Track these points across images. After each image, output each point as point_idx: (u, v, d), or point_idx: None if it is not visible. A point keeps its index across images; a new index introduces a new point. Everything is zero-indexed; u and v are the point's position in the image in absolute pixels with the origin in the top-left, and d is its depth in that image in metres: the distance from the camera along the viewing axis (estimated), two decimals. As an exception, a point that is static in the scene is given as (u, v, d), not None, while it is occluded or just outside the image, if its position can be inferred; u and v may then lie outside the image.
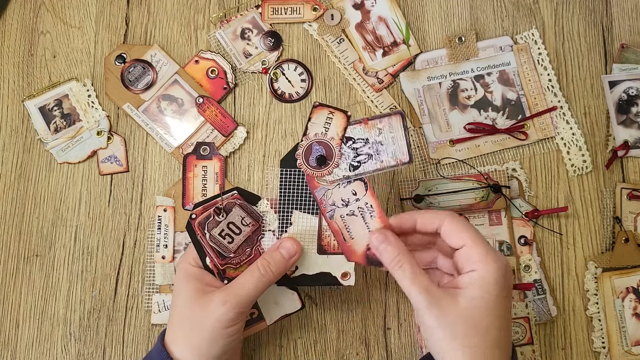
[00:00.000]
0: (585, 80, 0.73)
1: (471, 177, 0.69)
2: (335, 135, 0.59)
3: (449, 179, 0.70)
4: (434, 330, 0.53)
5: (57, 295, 0.71)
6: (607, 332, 0.68)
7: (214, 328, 0.56)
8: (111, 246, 0.71)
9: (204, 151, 0.72)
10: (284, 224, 0.61)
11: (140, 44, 0.75)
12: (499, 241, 0.69)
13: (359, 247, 0.60)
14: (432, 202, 0.69)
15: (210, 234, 0.59)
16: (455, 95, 0.73)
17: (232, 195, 0.61)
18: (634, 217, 0.70)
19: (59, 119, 0.74)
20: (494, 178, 0.69)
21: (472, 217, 0.70)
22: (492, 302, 0.53)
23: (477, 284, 0.53)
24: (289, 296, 0.63)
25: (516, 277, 0.68)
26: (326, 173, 0.59)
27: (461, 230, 0.56)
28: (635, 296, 0.68)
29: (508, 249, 0.69)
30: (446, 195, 0.69)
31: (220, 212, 0.60)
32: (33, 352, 0.70)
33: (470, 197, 0.69)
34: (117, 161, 0.73)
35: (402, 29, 0.74)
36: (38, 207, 0.72)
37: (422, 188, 0.70)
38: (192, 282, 0.59)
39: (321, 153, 0.59)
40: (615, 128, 0.72)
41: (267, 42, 0.74)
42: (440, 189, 0.69)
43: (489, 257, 0.54)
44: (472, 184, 0.69)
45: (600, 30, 0.74)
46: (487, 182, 0.69)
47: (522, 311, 0.68)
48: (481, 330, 0.52)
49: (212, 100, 0.73)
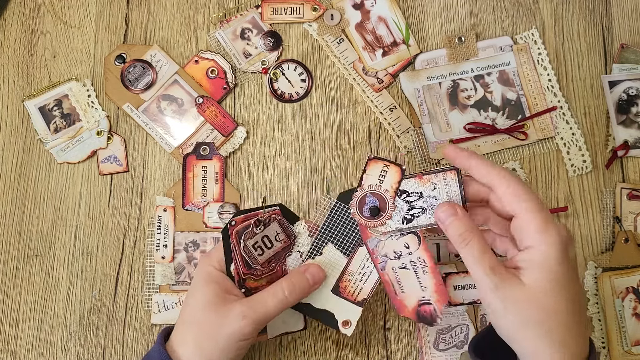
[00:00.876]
0: (585, 80, 0.73)
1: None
2: (390, 187, 0.58)
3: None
4: (502, 314, 0.50)
5: (57, 295, 0.71)
6: (607, 332, 0.67)
7: (229, 339, 0.56)
8: (111, 246, 0.71)
9: (203, 151, 0.72)
10: (315, 251, 0.61)
11: (140, 44, 0.75)
12: None
13: (410, 302, 0.58)
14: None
15: (244, 244, 0.59)
16: (455, 95, 0.73)
17: (273, 210, 0.61)
18: (634, 217, 0.70)
19: (58, 119, 0.74)
20: None
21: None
22: (559, 281, 0.49)
23: (537, 263, 0.49)
24: (295, 316, 0.63)
25: None
26: (379, 224, 0.58)
27: (519, 197, 0.51)
28: (635, 296, 0.68)
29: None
30: None
31: (259, 225, 0.60)
32: (33, 352, 0.70)
33: None
34: (117, 161, 0.73)
35: (401, 29, 0.74)
36: (38, 207, 0.72)
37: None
38: (212, 285, 0.58)
39: (375, 204, 0.58)
40: (615, 128, 0.72)
41: (267, 42, 0.74)
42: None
43: (547, 232, 0.49)
44: None
45: (600, 30, 0.74)
46: None
47: None
48: (552, 313, 0.49)
49: (212, 100, 0.73)
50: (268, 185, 0.72)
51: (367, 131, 0.73)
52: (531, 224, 0.50)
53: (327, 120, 0.73)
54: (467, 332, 0.67)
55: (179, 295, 0.69)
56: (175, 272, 0.70)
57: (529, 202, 0.51)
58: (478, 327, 0.67)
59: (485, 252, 0.51)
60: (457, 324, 0.68)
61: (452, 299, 0.64)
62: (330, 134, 0.73)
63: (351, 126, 0.73)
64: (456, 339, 0.67)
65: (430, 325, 0.58)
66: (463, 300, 0.64)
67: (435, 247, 0.69)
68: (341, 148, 0.73)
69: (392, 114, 0.73)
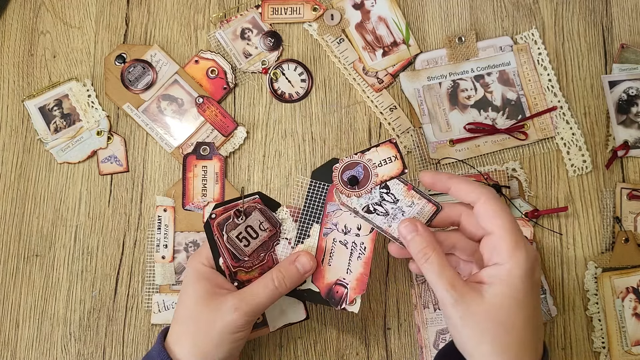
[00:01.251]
0: (585, 80, 0.73)
1: (471, 177, 0.69)
2: (381, 175, 0.58)
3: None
4: (460, 328, 0.51)
5: (57, 295, 0.71)
6: (607, 332, 0.67)
7: (223, 332, 0.56)
8: (111, 246, 0.71)
9: (204, 151, 0.72)
10: (302, 235, 0.61)
11: (140, 44, 0.75)
12: None
13: (329, 276, 0.59)
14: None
15: (227, 236, 0.59)
16: (455, 95, 0.73)
17: (253, 199, 0.60)
18: (634, 217, 0.70)
19: (58, 119, 0.74)
20: (493, 178, 0.69)
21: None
22: (519, 299, 0.50)
23: (503, 279, 0.51)
24: (295, 306, 0.63)
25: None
26: (346, 194, 0.58)
27: (496, 215, 0.52)
28: (635, 296, 0.68)
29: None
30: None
31: (240, 215, 0.59)
32: (33, 352, 0.70)
33: None
34: (117, 161, 0.73)
35: (402, 29, 0.74)
36: (38, 207, 0.72)
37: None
38: (203, 282, 0.58)
39: (358, 177, 0.59)
40: (615, 128, 0.72)
41: (267, 42, 0.74)
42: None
43: (517, 251, 0.51)
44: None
45: (600, 30, 0.74)
46: (487, 182, 0.69)
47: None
48: (509, 329, 0.50)
49: (212, 100, 0.73)
50: (268, 185, 0.72)
51: (367, 131, 0.73)
52: (504, 241, 0.51)
53: (327, 120, 0.73)
54: None
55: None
56: (175, 272, 0.70)
57: (505, 220, 0.52)
58: None
59: (445, 267, 0.52)
60: None
61: None
62: (330, 134, 0.73)
63: (351, 126, 0.73)
64: None
65: (333, 306, 0.59)
66: None
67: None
68: (341, 148, 0.73)
69: (392, 114, 0.73)
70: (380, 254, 0.70)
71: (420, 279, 0.68)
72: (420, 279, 0.68)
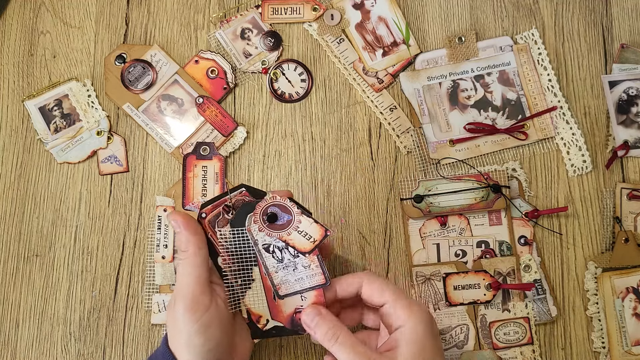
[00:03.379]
0: (585, 80, 0.73)
1: (471, 177, 0.69)
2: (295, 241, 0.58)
3: (449, 178, 0.70)
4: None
5: (57, 295, 0.71)
6: (607, 332, 0.67)
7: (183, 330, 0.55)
8: (111, 246, 0.71)
9: (204, 151, 0.72)
10: (246, 282, 0.59)
11: (140, 44, 0.75)
12: (498, 241, 0.69)
13: (286, 309, 0.59)
14: (432, 202, 0.69)
15: (220, 232, 0.59)
16: (455, 95, 0.73)
17: (240, 193, 0.60)
18: (634, 217, 0.70)
19: (59, 119, 0.74)
20: (494, 178, 0.69)
21: (472, 217, 0.70)
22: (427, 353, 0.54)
23: (408, 339, 0.54)
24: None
25: (516, 277, 0.68)
26: (260, 227, 0.58)
27: (381, 288, 0.56)
28: (635, 296, 0.68)
29: (508, 249, 0.69)
30: (446, 195, 0.69)
31: (229, 210, 0.59)
32: (33, 352, 0.70)
33: (470, 197, 0.69)
34: (117, 161, 0.73)
35: (402, 29, 0.74)
36: (38, 207, 0.72)
37: (422, 188, 0.70)
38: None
39: (278, 218, 0.58)
40: (615, 128, 0.72)
41: (267, 42, 0.74)
42: (440, 189, 0.69)
43: (413, 309, 0.55)
44: (472, 184, 0.69)
45: (600, 30, 0.74)
46: (487, 182, 0.69)
47: (522, 311, 0.67)
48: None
49: (212, 100, 0.73)
50: (268, 185, 0.72)
51: (367, 131, 0.73)
52: (397, 305, 0.55)
53: (327, 120, 0.73)
54: (467, 332, 0.67)
55: (179, 295, 0.69)
56: (175, 272, 0.70)
57: (392, 290, 0.56)
58: (478, 327, 0.67)
59: (355, 344, 0.54)
60: (457, 324, 0.68)
61: (452, 299, 0.64)
62: (330, 134, 0.73)
63: (351, 126, 0.73)
64: (456, 339, 0.67)
65: (303, 333, 0.59)
66: (463, 300, 0.66)
67: (435, 247, 0.70)
68: (341, 148, 0.73)
69: (392, 114, 0.73)
70: (380, 254, 0.70)
71: (419, 279, 0.68)
72: (419, 279, 0.68)
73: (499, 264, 0.68)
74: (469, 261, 0.69)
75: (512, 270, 0.68)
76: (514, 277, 0.68)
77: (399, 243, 0.70)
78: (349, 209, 0.71)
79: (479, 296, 0.67)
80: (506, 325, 0.67)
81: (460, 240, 0.70)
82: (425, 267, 0.69)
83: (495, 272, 0.68)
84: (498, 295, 0.68)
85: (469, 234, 0.70)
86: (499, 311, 0.68)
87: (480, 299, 0.67)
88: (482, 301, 0.67)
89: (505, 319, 0.67)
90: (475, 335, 0.67)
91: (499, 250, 0.69)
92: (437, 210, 0.69)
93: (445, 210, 0.69)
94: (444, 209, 0.69)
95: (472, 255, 0.69)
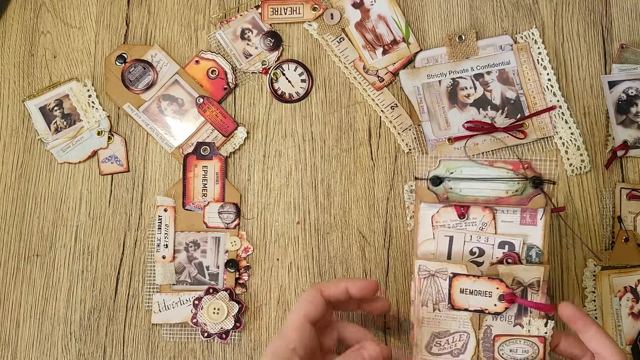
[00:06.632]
0: (585, 80, 0.73)
1: (507, 164, 0.59)
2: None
3: (479, 162, 0.59)
4: None
5: (58, 295, 0.71)
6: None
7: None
8: (111, 246, 0.72)
9: (204, 151, 0.72)
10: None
11: (141, 44, 0.75)
12: (527, 245, 0.60)
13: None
14: (452, 187, 0.59)
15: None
16: (454, 93, 0.73)
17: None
18: (634, 217, 0.70)
19: (59, 119, 0.74)
20: (537, 169, 0.58)
21: (501, 211, 0.60)
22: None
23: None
24: None
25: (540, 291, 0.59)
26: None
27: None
28: (633, 295, 0.68)
29: (537, 255, 0.59)
30: (471, 181, 0.59)
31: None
32: (33, 352, 0.70)
33: (502, 188, 0.58)
34: (117, 161, 0.73)
35: (401, 27, 0.74)
36: (38, 207, 0.73)
37: (443, 168, 0.59)
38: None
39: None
40: (615, 128, 0.72)
41: (267, 42, 0.74)
42: (466, 172, 0.59)
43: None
44: (507, 172, 0.58)
45: (599, 30, 0.74)
46: (526, 174, 0.58)
47: (539, 330, 0.58)
48: None
49: (213, 100, 0.73)
50: (268, 185, 0.72)
51: (367, 131, 0.73)
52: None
53: (327, 120, 0.73)
54: (467, 340, 0.59)
55: (179, 295, 0.69)
56: (175, 272, 0.70)
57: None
58: (480, 338, 0.59)
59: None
60: (457, 330, 0.60)
61: (456, 303, 0.59)
62: (330, 134, 0.73)
63: (351, 126, 0.73)
64: (452, 346, 0.60)
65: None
66: (469, 306, 0.59)
67: (448, 240, 0.61)
68: (341, 148, 0.73)
69: (393, 112, 0.73)
70: (380, 254, 0.71)
71: (422, 273, 0.61)
72: (422, 273, 0.61)
73: (521, 273, 0.58)
74: (485, 262, 0.60)
75: (537, 282, 0.58)
76: (537, 289, 0.58)
77: (399, 243, 0.70)
78: (349, 209, 0.71)
79: (489, 306, 0.58)
80: (515, 341, 0.58)
81: (480, 237, 0.60)
82: (431, 262, 0.60)
83: (515, 282, 0.58)
84: (512, 307, 0.59)
85: (492, 230, 0.60)
86: (510, 325, 0.59)
87: (490, 309, 0.58)
88: (491, 312, 0.58)
89: (515, 334, 0.58)
90: (475, 346, 0.59)
91: (526, 256, 0.59)
92: (457, 199, 0.59)
93: (467, 199, 0.59)
94: (466, 197, 0.59)
95: (491, 256, 0.60)
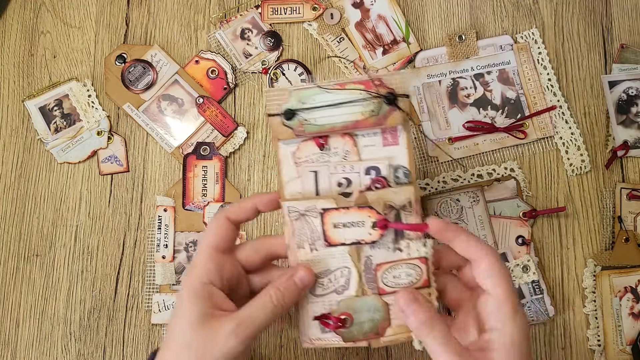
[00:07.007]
0: (585, 80, 0.73)
1: (357, 84, 0.54)
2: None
3: (327, 88, 0.54)
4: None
5: (57, 295, 0.71)
6: (604, 330, 0.68)
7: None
8: (111, 246, 0.72)
9: (204, 151, 0.72)
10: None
11: (141, 44, 0.75)
12: (393, 166, 0.55)
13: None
14: (307, 118, 0.54)
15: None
16: (454, 93, 0.73)
17: None
18: (634, 217, 0.70)
19: (59, 119, 0.74)
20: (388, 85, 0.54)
21: (361, 136, 0.55)
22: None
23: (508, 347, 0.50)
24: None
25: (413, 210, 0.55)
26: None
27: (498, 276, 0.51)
28: (633, 295, 0.68)
29: (405, 175, 0.54)
30: (325, 109, 0.54)
31: None
32: (33, 352, 0.70)
33: (357, 111, 0.54)
34: (117, 161, 0.73)
35: (401, 27, 0.74)
36: (38, 207, 0.72)
37: (294, 100, 0.54)
38: (199, 302, 0.52)
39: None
40: (615, 128, 0.72)
41: (267, 42, 0.74)
42: (318, 100, 0.54)
43: (517, 317, 0.50)
44: (360, 93, 0.54)
45: (600, 30, 0.74)
46: (378, 92, 0.53)
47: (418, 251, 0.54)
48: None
49: (212, 100, 0.73)
50: (268, 185, 0.72)
51: (367, 131, 0.73)
52: (503, 307, 0.51)
53: (327, 120, 0.73)
54: (349, 275, 0.55)
55: (179, 295, 0.69)
56: (175, 272, 0.70)
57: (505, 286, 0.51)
58: (362, 271, 0.55)
59: (450, 339, 0.51)
60: (337, 266, 0.55)
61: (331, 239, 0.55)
62: (330, 134, 0.73)
63: (351, 126, 0.73)
64: (335, 283, 0.55)
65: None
66: (345, 240, 0.55)
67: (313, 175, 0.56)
68: (341, 148, 0.73)
69: (392, 113, 0.73)
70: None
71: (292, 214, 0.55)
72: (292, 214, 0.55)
73: (392, 196, 0.54)
74: (355, 192, 0.54)
75: (409, 203, 0.54)
76: (410, 210, 0.54)
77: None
78: (348, 209, 0.71)
79: (364, 236, 0.54)
80: (397, 267, 0.54)
81: (345, 166, 0.55)
82: (299, 202, 0.55)
83: (387, 206, 0.54)
84: (389, 233, 0.54)
85: (356, 157, 0.55)
86: (390, 251, 0.54)
87: (365, 239, 0.54)
88: (367, 241, 0.54)
89: (395, 260, 0.54)
90: (358, 279, 0.55)
91: (394, 178, 0.55)
92: (314, 130, 0.54)
93: (324, 129, 0.54)
94: (323, 127, 0.54)
95: (359, 184, 0.55)
